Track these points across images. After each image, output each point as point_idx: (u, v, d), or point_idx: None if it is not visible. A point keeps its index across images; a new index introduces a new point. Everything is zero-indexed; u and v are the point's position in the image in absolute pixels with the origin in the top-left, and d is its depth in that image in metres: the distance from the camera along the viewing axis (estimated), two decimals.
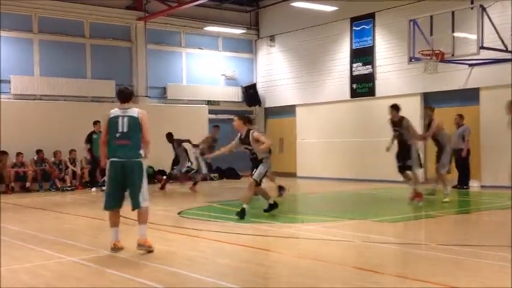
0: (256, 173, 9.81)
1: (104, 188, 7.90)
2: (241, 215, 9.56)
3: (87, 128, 16.07)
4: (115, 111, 7.04)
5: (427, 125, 12.15)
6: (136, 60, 19.28)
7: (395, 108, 11.48)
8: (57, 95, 17.58)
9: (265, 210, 10.13)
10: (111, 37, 18.95)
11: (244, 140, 9.94)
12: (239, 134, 10.11)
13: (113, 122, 6.96)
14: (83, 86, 18.11)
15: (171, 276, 5.87)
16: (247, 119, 10.33)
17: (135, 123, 6.91)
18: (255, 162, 9.96)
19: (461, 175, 14.60)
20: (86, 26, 18.50)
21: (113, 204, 6.99)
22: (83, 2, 18.15)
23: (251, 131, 9.88)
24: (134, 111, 7.02)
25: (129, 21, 19.21)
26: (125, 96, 7.16)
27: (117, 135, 6.88)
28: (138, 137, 6.91)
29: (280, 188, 13.08)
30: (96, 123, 15.76)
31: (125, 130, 6.87)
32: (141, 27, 19.33)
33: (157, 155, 18.51)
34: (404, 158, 11.34)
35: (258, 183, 9.86)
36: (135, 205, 6.90)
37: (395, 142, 11.51)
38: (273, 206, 10.17)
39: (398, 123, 11.36)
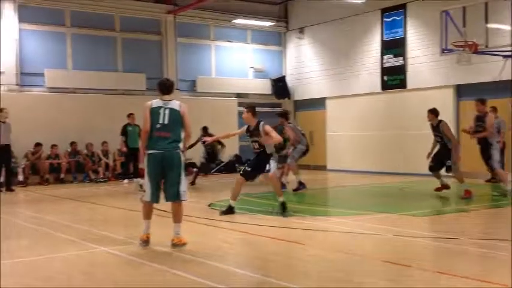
0: (272, 168, 9.52)
1: (136, 180, 7.97)
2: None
3: (118, 120, 16.28)
4: (157, 101, 6.88)
5: (476, 119, 11.69)
6: (166, 54, 19.44)
7: (432, 112, 11.45)
8: (89, 88, 17.85)
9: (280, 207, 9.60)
10: (142, 31, 19.13)
11: (253, 132, 9.56)
12: (247, 126, 9.81)
13: (154, 112, 6.79)
14: (114, 79, 18.34)
15: (200, 266, 5.93)
16: (255, 111, 9.88)
17: (176, 116, 6.78)
18: (263, 156, 9.52)
19: None
20: (116, 20, 18.71)
21: (154, 197, 6.85)
22: None
23: (261, 123, 9.47)
24: (176, 103, 6.88)
25: (159, 15, 19.35)
26: (167, 87, 6.99)
27: (158, 126, 6.74)
28: (178, 130, 6.80)
29: (300, 184, 12.95)
30: (130, 115, 15.92)
31: (166, 122, 6.73)
32: (170, 21, 19.46)
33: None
34: (442, 159, 11.38)
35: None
36: (174, 195, 6.76)
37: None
38: (283, 205, 9.54)
39: (436, 128, 11.29)
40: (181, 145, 6.87)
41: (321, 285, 5.33)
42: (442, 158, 11.40)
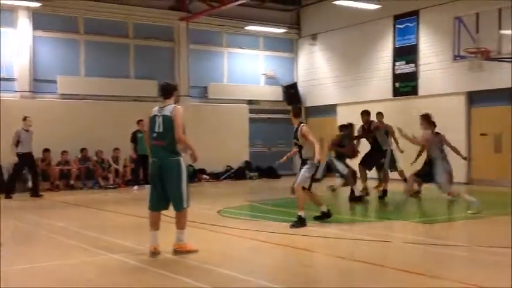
0: (298, 179, 8.88)
1: (147, 186, 7.90)
2: (300, 224, 8.69)
3: (130, 126, 16.34)
4: (155, 109, 6.87)
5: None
6: (178, 60, 19.51)
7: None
8: (101, 94, 17.94)
9: (315, 218, 9.17)
10: (154, 37, 19.22)
11: (294, 134, 9.01)
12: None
13: (151, 121, 6.83)
14: (126, 85, 18.43)
15: (209, 274, 5.91)
16: (299, 111, 9.24)
17: (168, 122, 6.67)
18: (302, 160, 9.01)
19: None
20: (129, 27, 18.82)
21: (154, 205, 6.85)
22: (126, 3, 18.47)
23: (301, 125, 8.89)
24: (169, 109, 6.74)
25: (172, 22, 19.44)
26: (166, 92, 6.91)
27: (154, 135, 6.76)
28: (172, 137, 6.67)
29: (364, 191, 12.35)
30: (139, 121, 16.01)
31: (160, 130, 6.70)
32: (183, 28, 19.54)
33: (197, 154, 18.95)
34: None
35: (304, 189, 8.90)
36: (174, 207, 6.79)
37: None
38: (325, 215, 9.17)
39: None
40: (180, 150, 6.76)
41: None
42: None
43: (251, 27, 20.34)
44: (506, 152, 15.33)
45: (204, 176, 18.78)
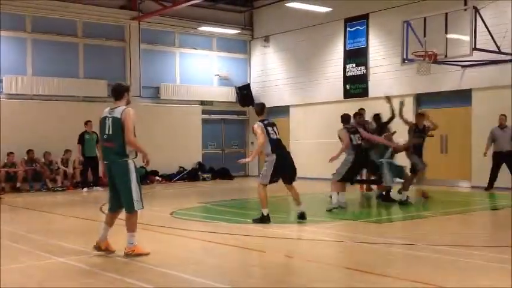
0: (261, 174, 9.11)
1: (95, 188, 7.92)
2: (260, 221, 8.88)
3: (79, 127, 16.03)
4: (105, 111, 6.84)
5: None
6: (129, 60, 19.23)
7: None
8: (49, 94, 17.49)
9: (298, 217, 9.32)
10: (105, 37, 18.88)
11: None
12: None
13: (101, 123, 6.80)
14: (75, 85, 18.01)
15: (160, 276, 5.84)
16: (258, 109, 9.34)
17: (117, 125, 6.60)
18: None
19: None
20: (79, 26, 18.43)
21: (109, 205, 6.94)
22: (76, 2, 18.08)
23: (255, 122, 9.12)
24: (119, 111, 6.67)
25: (123, 21, 19.16)
26: (117, 93, 6.87)
27: (104, 137, 6.74)
28: (121, 139, 6.59)
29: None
30: (87, 123, 15.75)
31: (110, 132, 6.65)
32: (135, 27, 19.28)
33: (149, 156, 18.72)
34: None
35: (265, 185, 9.03)
36: (125, 209, 6.76)
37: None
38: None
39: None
40: (130, 152, 6.69)
41: None
42: None
43: (204, 28, 20.27)
44: (452, 152, 15.81)
45: (157, 177, 18.59)
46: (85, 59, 18.47)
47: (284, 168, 9.15)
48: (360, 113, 12.44)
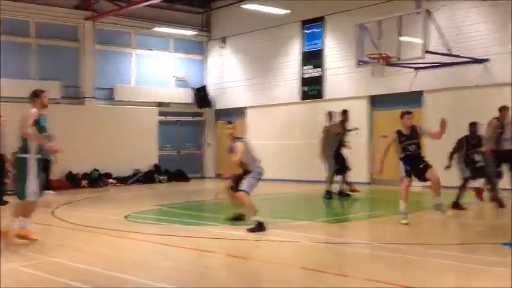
0: (244, 183, 8.65)
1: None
2: (259, 228, 8.50)
3: None
4: None
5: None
6: (83, 61, 18.86)
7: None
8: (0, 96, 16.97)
9: (229, 219, 9.20)
10: (58, 37, 18.47)
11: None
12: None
13: None
14: (27, 87, 17.25)
15: (109, 280, 5.73)
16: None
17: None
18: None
19: None
20: (31, 26, 17.97)
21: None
22: (29, 1, 17.60)
23: (236, 140, 8.89)
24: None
25: (77, 21, 18.77)
26: (29, 97, 7.96)
27: None
28: (22, 137, 7.67)
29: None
30: None
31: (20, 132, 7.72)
32: (89, 27, 18.92)
33: (103, 158, 18.45)
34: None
35: (233, 189, 8.87)
36: (17, 194, 7.78)
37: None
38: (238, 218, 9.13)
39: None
40: (30, 147, 7.59)
41: None
42: None
43: (160, 29, 20.07)
44: None
45: (111, 180, 18.28)
46: (38, 60, 18.02)
47: None
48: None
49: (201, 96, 21.37)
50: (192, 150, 21.68)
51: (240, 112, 20.64)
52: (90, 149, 18.07)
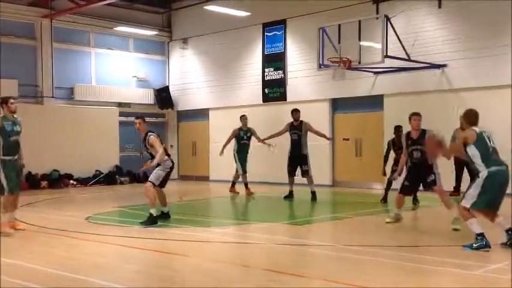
0: (152, 174, 9.49)
1: None
2: (150, 222, 9.15)
3: None
4: None
5: None
6: (41, 59, 18.46)
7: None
8: None
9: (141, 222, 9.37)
10: (14, 35, 18.02)
11: (143, 142, 9.61)
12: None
13: None
14: None
15: (70, 282, 5.66)
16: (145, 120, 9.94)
17: None
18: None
19: None
20: None
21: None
22: None
23: (148, 134, 9.48)
24: None
25: (34, 19, 18.36)
26: None
27: None
28: None
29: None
30: None
31: None
32: (46, 25, 18.52)
33: (63, 158, 18.13)
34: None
35: (155, 185, 9.48)
36: None
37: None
38: (165, 215, 9.73)
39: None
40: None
41: None
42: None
43: (120, 28, 19.83)
44: (366, 156, 16.39)
45: (71, 181, 17.96)
46: None
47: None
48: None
49: (163, 97, 21.21)
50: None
51: (202, 113, 20.59)
52: (50, 150, 17.73)
